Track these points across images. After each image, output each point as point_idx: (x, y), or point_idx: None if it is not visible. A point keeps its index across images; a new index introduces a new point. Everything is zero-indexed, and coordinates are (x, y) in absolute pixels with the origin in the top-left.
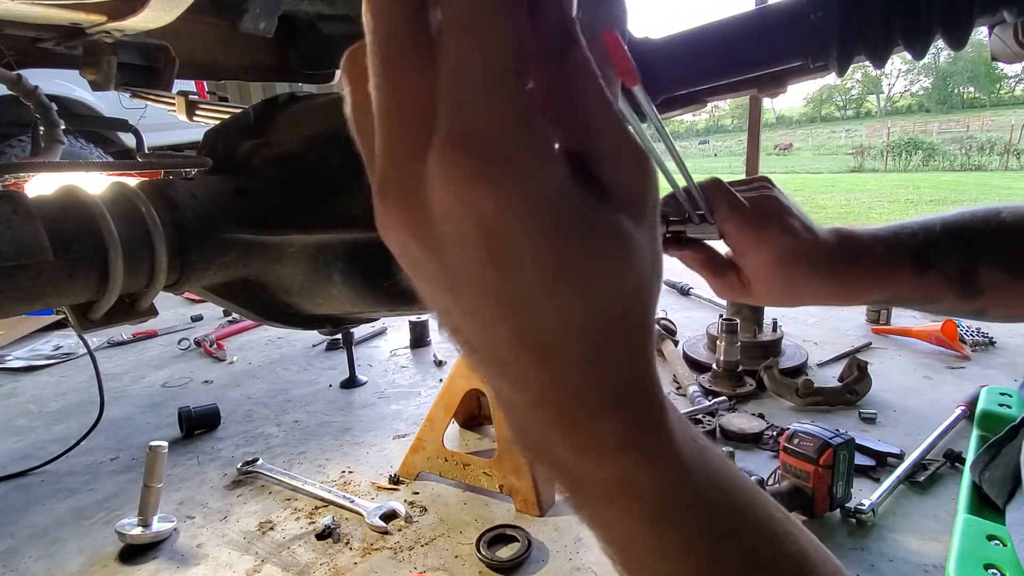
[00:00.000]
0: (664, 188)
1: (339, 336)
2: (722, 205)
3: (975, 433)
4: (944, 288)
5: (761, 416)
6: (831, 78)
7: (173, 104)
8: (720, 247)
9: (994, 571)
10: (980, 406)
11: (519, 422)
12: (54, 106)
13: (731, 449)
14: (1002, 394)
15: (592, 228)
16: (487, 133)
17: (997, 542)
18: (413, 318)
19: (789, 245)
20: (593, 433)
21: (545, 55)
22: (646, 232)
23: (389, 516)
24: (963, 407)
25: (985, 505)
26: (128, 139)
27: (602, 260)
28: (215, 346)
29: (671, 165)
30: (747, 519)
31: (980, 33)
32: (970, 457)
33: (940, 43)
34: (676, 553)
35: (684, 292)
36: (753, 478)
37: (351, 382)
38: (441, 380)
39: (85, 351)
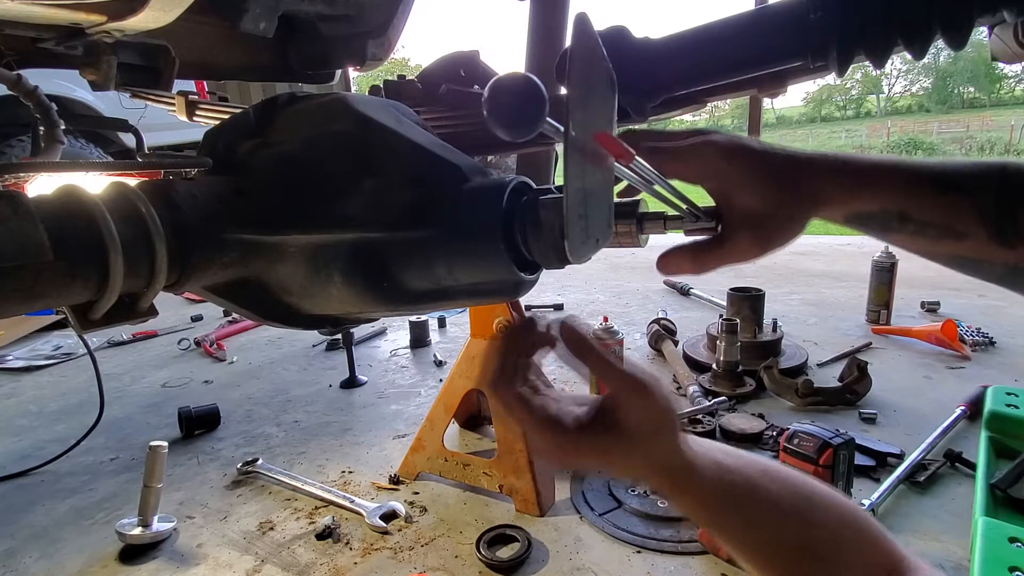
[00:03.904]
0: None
1: (339, 336)
2: (652, 157)
3: (984, 434)
4: (974, 220)
5: (761, 416)
6: (831, 78)
7: (173, 104)
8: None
9: (1019, 574)
10: (988, 407)
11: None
12: (54, 106)
13: None
14: (1009, 394)
15: (600, 450)
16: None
17: (1019, 544)
18: (413, 318)
19: (734, 150)
20: (651, 478)
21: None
22: (627, 440)
23: (389, 516)
24: (963, 407)
25: (1000, 506)
26: (128, 139)
27: (610, 458)
28: (215, 346)
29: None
30: (743, 498)
31: (980, 33)
32: (981, 460)
33: (940, 43)
34: (696, 514)
35: (684, 292)
36: None
37: (351, 382)
38: (441, 380)
39: (85, 351)
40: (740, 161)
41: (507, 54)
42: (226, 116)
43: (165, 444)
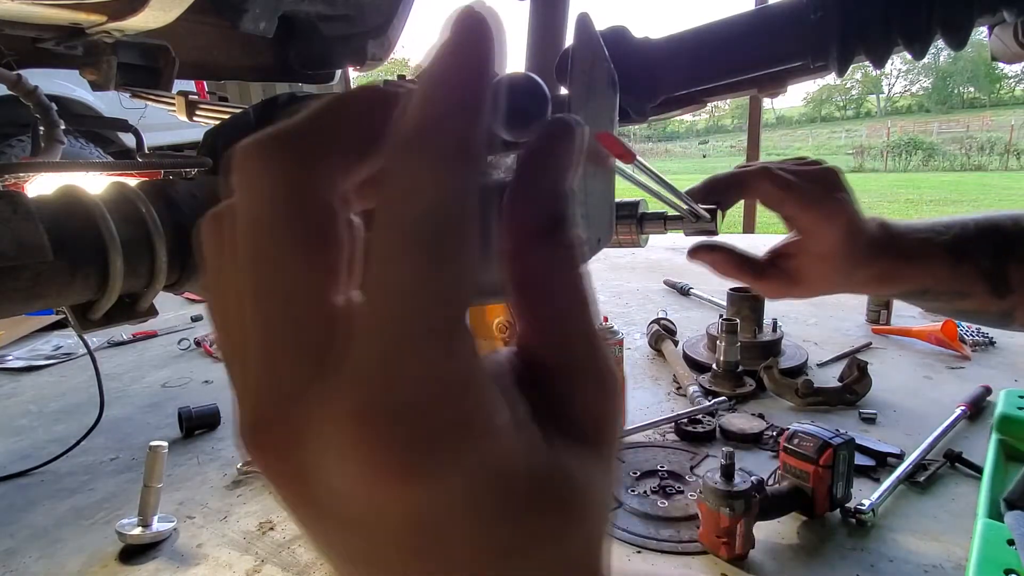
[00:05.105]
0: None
1: None
2: (772, 192)
3: (993, 437)
4: (976, 282)
5: (761, 416)
6: (831, 78)
7: (173, 104)
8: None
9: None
10: (999, 410)
11: None
12: (54, 106)
13: (731, 449)
14: (1021, 397)
15: (542, 494)
16: (415, 409)
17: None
18: None
19: (855, 221)
20: None
21: (528, 235)
22: (601, 468)
23: None
24: (963, 407)
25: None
26: (128, 139)
27: (547, 524)
28: (215, 346)
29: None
30: None
31: (980, 33)
32: (989, 463)
33: (940, 43)
34: None
35: (684, 292)
36: (753, 478)
37: None
38: None
39: (85, 351)
40: (838, 232)
41: (507, 54)
42: (226, 116)
43: (165, 444)
